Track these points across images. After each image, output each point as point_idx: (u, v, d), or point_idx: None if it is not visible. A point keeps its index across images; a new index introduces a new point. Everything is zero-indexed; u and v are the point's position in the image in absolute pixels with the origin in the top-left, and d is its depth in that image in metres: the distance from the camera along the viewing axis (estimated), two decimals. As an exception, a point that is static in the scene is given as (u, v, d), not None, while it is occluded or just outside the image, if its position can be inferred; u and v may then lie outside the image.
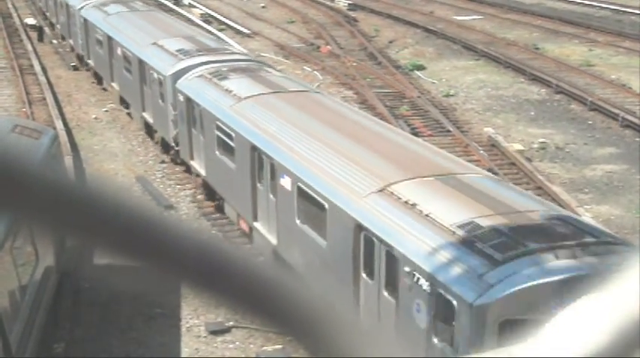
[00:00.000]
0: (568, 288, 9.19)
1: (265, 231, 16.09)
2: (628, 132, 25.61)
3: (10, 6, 47.96)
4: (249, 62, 21.62)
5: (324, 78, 31.64)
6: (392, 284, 11.48)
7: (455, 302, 9.99)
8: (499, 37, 39.29)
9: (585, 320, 1.02)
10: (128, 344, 14.28)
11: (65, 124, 25.57)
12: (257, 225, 16.52)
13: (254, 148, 16.11)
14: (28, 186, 0.93)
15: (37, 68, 32.62)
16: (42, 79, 31.01)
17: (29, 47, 36.75)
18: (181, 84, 20.15)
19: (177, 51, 22.00)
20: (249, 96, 17.77)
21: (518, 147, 23.85)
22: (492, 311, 9.65)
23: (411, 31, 41.34)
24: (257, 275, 1.04)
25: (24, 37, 39.29)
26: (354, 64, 33.60)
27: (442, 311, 10.31)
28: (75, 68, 33.45)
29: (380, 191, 12.40)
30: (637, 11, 45.07)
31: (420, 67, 33.67)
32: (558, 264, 9.77)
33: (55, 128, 22.66)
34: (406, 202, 11.85)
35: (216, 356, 14.25)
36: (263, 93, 17.95)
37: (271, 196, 15.67)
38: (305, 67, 33.32)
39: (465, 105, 28.65)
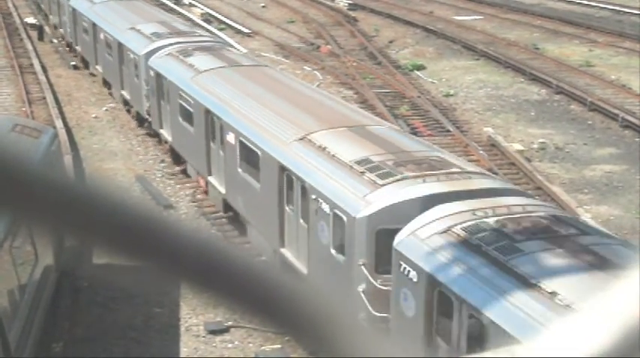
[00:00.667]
0: (429, 204, 11.91)
1: (216, 183, 18.79)
2: (628, 133, 25.62)
3: (10, 5, 47.96)
4: (213, 43, 24.77)
5: (324, 77, 31.65)
6: (305, 212, 14.25)
7: (345, 218, 12.69)
8: (499, 37, 39.30)
9: (587, 321, 1.02)
10: (127, 343, 14.28)
11: (65, 123, 25.57)
12: (211, 178, 19.21)
13: (207, 112, 18.72)
14: (27, 185, 0.93)
15: (37, 67, 32.62)
16: (42, 78, 31.01)
17: (29, 46, 36.74)
18: (152, 61, 22.71)
19: (151, 34, 24.69)
20: (207, 70, 20.39)
21: (518, 147, 23.85)
22: (370, 222, 12.29)
23: (411, 30, 41.35)
24: (255, 275, 1.04)
25: (24, 36, 39.28)
26: (354, 63, 33.61)
27: (337, 226, 12.99)
28: (75, 67, 33.46)
29: (300, 139, 15.12)
30: (637, 11, 45.07)
31: (420, 67, 33.67)
32: (424, 186, 12.53)
33: (54, 127, 22.66)
34: (319, 147, 14.57)
35: (214, 355, 14.26)
36: (220, 67, 20.64)
37: (221, 152, 18.22)
38: (305, 67, 33.33)
39: (465, 105, 28.66)
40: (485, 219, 11.30)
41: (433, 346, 10.91)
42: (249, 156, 16.41)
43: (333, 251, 13.15)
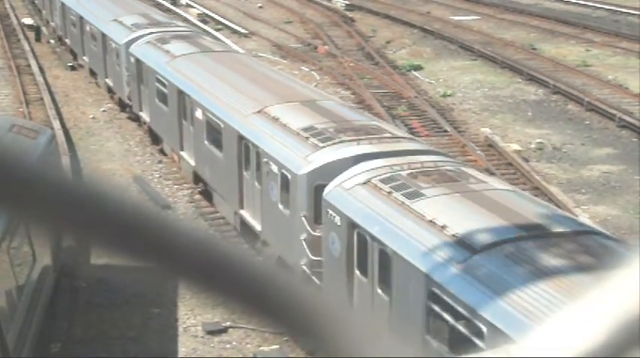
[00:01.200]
0: (359, 162, 13.86)
1: (187, 157, 20.67)
2: (625, 133, 25.63)
3: (7, 6, 47.90)
4: (189, 32, 26.93)
5: (321, 78, 31.65)
6: (259, 175, 16.14)
7: (289, 176, 14.71)
8: (496, 37, 39.30)
9: (583, 320, 1.02)
10: (125, 343, 14.28)
11: (62, 124, 25.56)
12: (183, 153, 21.09)
13: (180, 92, 20.60)
14: (26, 184, 0.94)
15: (35, 68, 32.60)
16: (39, 78, 30.99)
17: (26, 47, 36.70)
18: (132, 49, 24.57)
19: (132, 24, 26.48)
20: (181, 55, 22.31)
21: (516, 147, 23.87)
22: (309, 178, 14.27)
23: (408, 31, 41.34)
24: (255, 274, 1.05)
25: (21, 36, 39.24)
26: (352, 64, 33.60)
27: (283, 184, 14.97)
28: (72, 68, 33.44)
29: (257, 112, 17.06)
30: (634, 11, 45.10)
31: (418, 67, 33.68)
32: (357, 147, 14.50)
33: (52, 128, 22.66)
34: (273, 118, 16.49)
35: (213, 356, 14.26)
36: (193, 52, 22.50)
37: (191, 128, 20.10)
38: (302, 67, 33.32)
39: (462, 106, 28.67)
40: (399, 172, 13.31)
41: (354, 279, 12.94)
42: (214, 130, 18.50)
43: (280, 206, 15.20)
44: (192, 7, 47.69)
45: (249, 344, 14.56)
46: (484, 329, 9.99)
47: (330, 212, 13.26)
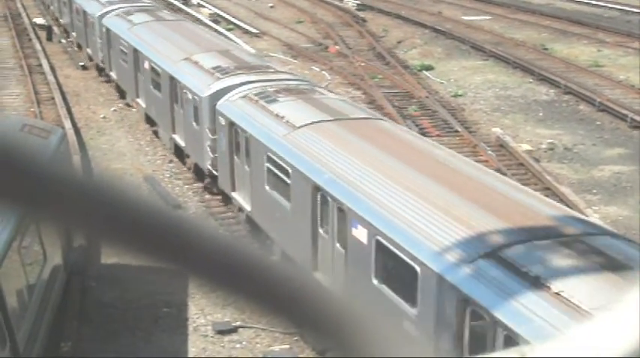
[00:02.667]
0: (243, 85, 18.69)
1: (140, 102, 25.81)
2: (636, 133, 25.55)
3: (19, 5, 48.07)
4: (151, 6, 32.14)
5: (332, 78, 31.65)
6: (181, 102, 21.24)
7: (197, 99, 19.66)
8: (507, 37, 39.24)
9: (597, 323, 1.01)
10: (135, 343, 14.30)
11: (73, 124, 25.62)
12: (138, 100, 26.15)
13: (135, 50, 25.63)
14: (41, 181, 0.93)
15: (46, 67, 32.70)
16: (50, 78, 31.08)
17: (38, 46, 36.83)
18: (104, 20, 29.56)
19: (106, 1, 31.63)
20: (139, 23, 27.34)
21: (527, 147, 23.81)
22: (210, 100, 18.98)
23: (420, 31, 41.32)
24: (268, 271, 1.04)
25: (33, 36, 39.37)
26: (363, 63, 33.59)
27: (194, 106, 19.96)
28: (84, 67, 33.53)
29: (184, 59, 21.84)
30: (646, 12, 44.99)
31: (429, 67, 33.65)
32: (245, 76, 19.41)
33: (63, 127, 22.71)
34: (194, 62, 21.49)
35: (223, 355, 14.26)
36: (148, 21, 27.75)
37: (142, 77, 25.36)
38: (313, 67, 33.33)
39: (474, 106, 28.62)
40: (267, 89, 18.29)
41: (234, 162, 18.20)
42: (156, 75, 23.26)
43: (194, 124, 20.30)
44: (203, 7, 47.75)
45: (259, 343, 14.56)
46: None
47: (220, 118, 18.54)
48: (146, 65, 24.17)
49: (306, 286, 1.05)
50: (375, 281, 12.13)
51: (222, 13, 45.35)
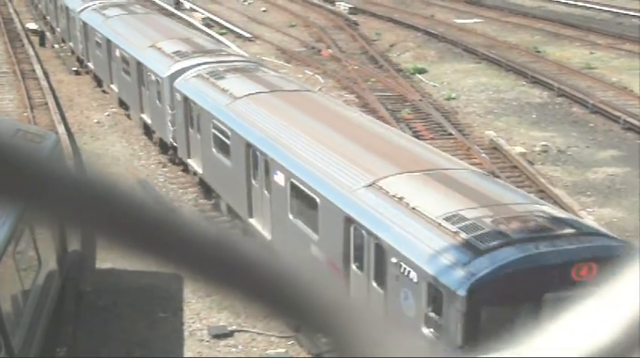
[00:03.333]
0: (199, 66, 21.23)
1: (114, 88, 28.52)
2: (630, 135, 25.61)
3: (11, 11, 48.00)
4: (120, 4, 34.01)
5: (325, 81, 31.66)
6: (146, 85, 23.84)
7: (159, 80, 22.09)
8: (500, 40, 39.31)
9: (588, 320, 1.02)
10: (131, 348, 14.28)
11: (67, 129, 25.59)
12: (113, 86, 28.53)
13: (109, 42, 27.85)
14: (39, 181, 0.93)
15: (39, 73, 32.65)
16: (44, 83, 31.04)
17: (31, 52, 36.79)
18: (82, 15, 32.14)
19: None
20: (113, 15, 30.03)
21: (520, 150, 23.84)
22: (169, 80, 21.38)
23: (412, 34, 41.36)
24: (268, 269, 1.04)
25: (26, 41, 39.33)
26: (356, 67, 33.62)
27: (158, 87, 22.46)
28: (77, 72, 33.49)
29: (151, 46, 24.16)
30: (637, 14, 45.09)
31: (422, 71, 33.69)
32: (199, 59, 21.85)
33: (56, 132, 22.67)
34: (158, 49, 23.69)
35: (219, 359, 14.25)
36: (123, 14, 30.43)
37: (114, 64, 27.83)
38: (306, 71, 33.34)
39: (467, 109, 28.66)
40: (218, 69, 20.65)
41: (188, 132, 20.59)
42: (126, 63, 25.90)
43: (157, 102, 22.61)
44: (195, 11, 47.74)
45: (255, 347, 14.54)
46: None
47: (176, 94, 20.92)
48: (117, 53, 26.60)
49: (301, 282, 1.05)
50: (290, 217, 14.83)
51: (214, 18, 45.34)
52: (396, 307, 11.60)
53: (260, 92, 18.54)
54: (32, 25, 43.10)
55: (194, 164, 20.55)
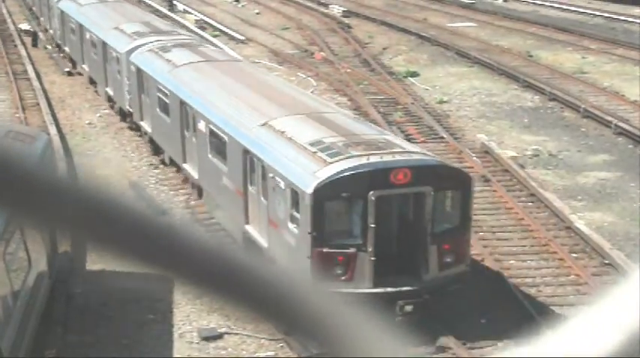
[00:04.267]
0: (154, 42, 24.75)
1: (88, 74, 31.57)
2: (621, 140, 25.66)
3: (4, 11, 47.92)
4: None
5: (318, 84, 31.67)
6: (109, 63, 27.46)
7: (119, 56, 25.82)
8: (493, 44, 39.37)
9: (591, 323, 1.02)
10: (120, 350, 14.26)
11: (59, 130, 25.55)
12: (82, 65, 32.34)
13: (80, 25, 31.62)
14: (29, 185, 0.94)
15: (31, 73, 32.61)
16: (36, 84, 31.00)
17: (23, 52, 36.73)
18: (60, 4, 35.54)
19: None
20: (87, 4, 33.28)
21: (512, 153, 23.88)
22: (127, 55, 24.73)
23: (405, 37, 41.39)
24: (255, 273, 1.04)
25: (18, 42, 39.26)
26: (348, 70, 33.64)
27: (116, 62, 26.19)
28: (69, 74, 33.45)
29: (114, 28, 27.78)
30: (630, 19, 45.22)
31: (414, 74, 33.71)
32: (155, 37, 25.56)
33: (48, 133, 22.64)
34: (126, 32, 26.74)
35: (208, 362, 14.23)
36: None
37: (73, 37, 33.11)
38: (299, 74, 33.35)
39: (459, 112, 28.69)
40: (166, 44, 24.19)
41: (140, 98, 23.98)
42: (93, 44, 29.37)
43: (117, 75, 26.07)
44: (189, 13, 47.72)
45: (244, 350, 14.54)
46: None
47: (132, 66, 24.22)
48: (87, 36, 30.05)
49: (293, 288, 1.06)
50: (210, 156, 18.67)
51: (208, 20, 45.31)
52: (274, 212, 15.14)
53: (196, 61, 22.37)
54: (25, 26, 43.03)
55: (145, 125, 24.12)
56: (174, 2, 50.38)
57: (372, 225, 13.95)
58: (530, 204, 20.50)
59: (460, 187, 14.86)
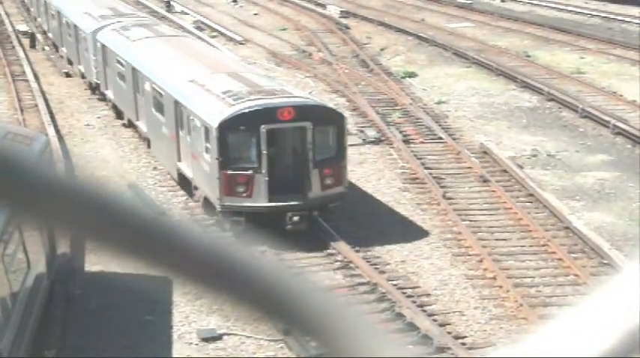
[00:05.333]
0: (117, 22, 29.03)
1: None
2: (619, 140, 25.68)
3: (2, 12, 47.89)
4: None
5: (316, 85, 31.67)
6: (74, 37, 32.22)
7: (84, 35, 29.94)
8: (490, 44, 39.39)
9: (591, 320, 1.02)
10: (119, 351, 14.25)
11: (57, 131, 25.54)
12: (61, 49, 36.57)
13: (60, 14, 35.43)
14: (25, 180, 0.94)
15: (30, 75, 32.59)
16: (34, 85, 30.98)
17: (21, 54, 36.71)
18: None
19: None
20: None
21: (510, 154, 23.89)
22: (94, 34, 28.32)
23: (403, 38, 41.40)
24: (257, 272, 1.05)
25: (16, 43, 39.24)
26: (346, 71, 33.64)
27: (82, 39, 30.62)
28: (67, 75, 33.44)
29: (85, 14, 31.42)
30: (627, 19, 45.25)
31: (412, 74, 33.72)
32: (118, 19, 29.57)
33: (46, 135, 22.63)
34: (85, 13, 31.41)
35: (208, 363, 14.23)
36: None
37: (55, 24, 37.75)
38: (297, 74, 33.35)
39: (457, 113, 28.70)
40: (127, 24, 27.85)
41: (105, 70, 27.82)
42: (68, 27, 33.33)
43: (86, 53, 29.40)
44: (186, 14, 47.71)
45: (244, 351, 14.53)
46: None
47: (97, 44, 27.84)
48: (64, 21, 34.45)
49: (294, 287, 1.06)
50: (153, 110, 22.33)
51: (205, 21, 45.30)
52: (195, 147, 19.11)
53: (149, 37, 26.30)
54: (23, 27, 43.00)
55: (109, 93, 27.89)
56: (172, 3, 50.37)
57: (264, 152, 17.76)
58: (528, 204, 20.51)
59: (335, 123, 18.57)
